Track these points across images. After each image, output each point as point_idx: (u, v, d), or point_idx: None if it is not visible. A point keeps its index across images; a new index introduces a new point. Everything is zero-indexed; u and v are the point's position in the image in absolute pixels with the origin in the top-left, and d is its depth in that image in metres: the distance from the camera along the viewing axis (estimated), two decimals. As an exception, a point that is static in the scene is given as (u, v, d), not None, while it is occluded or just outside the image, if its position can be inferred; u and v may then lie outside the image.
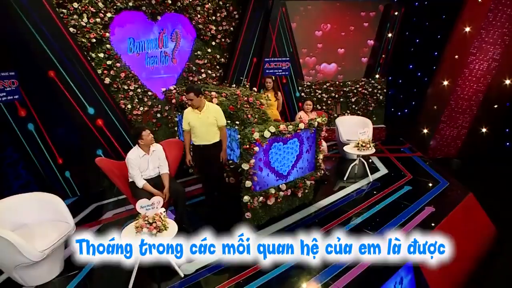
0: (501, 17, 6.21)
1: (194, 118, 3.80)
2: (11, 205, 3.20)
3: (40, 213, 3.26)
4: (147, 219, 2.82)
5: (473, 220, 4.38)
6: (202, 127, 3.78)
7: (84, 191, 5.21)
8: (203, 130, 3.79)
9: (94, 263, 3.32)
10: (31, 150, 4.83)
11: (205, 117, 3.76)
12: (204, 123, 3.77)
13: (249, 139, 3.44)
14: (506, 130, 7.26)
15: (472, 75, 6.58)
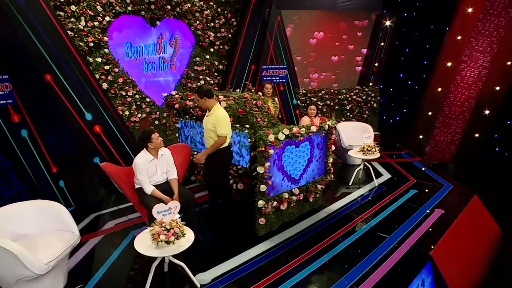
0: (489, 27, 6.47)
1: (204, 119, 3.78)
2: (10, 213, 2.96)
3: (42, 222, 3.03)
4: (164, 225, 2.65)
5: (480, 222, 4.41)
6: (204, 130, 3.76)
7: (79, 201, 4.94)
8: (205, 133, 3.77)
9: (101, 276, 3.10)
10: (24, 158, 4.55)
11: (206, 121, 3.70)
12: (205, 127, 3.72)
13: (264, 142, 3.35)
14: (495, 136, 7.51)
15: (464, 82, 6.79)
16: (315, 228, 3.93)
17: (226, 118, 3.62)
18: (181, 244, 2.69)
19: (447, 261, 3.42)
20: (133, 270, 3.23)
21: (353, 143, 5.58)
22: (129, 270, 3.22)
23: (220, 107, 3.72)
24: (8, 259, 2.48)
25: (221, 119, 3.56)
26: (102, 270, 3.18)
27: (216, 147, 3.62)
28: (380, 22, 8.05)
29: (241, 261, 3.29)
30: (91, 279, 3.05)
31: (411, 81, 9.06)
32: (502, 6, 6.37)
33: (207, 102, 3.63)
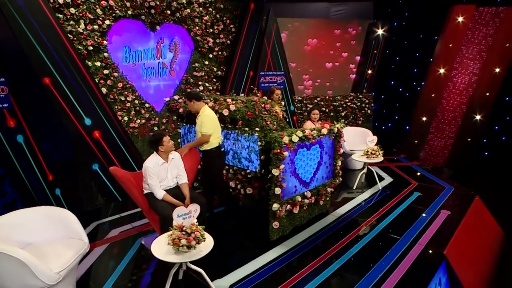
0: (478, 35, 6.74)
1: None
2: (14, 221, 2.78)
3: (48, 229, 2.86)
4: (185, 229, 2.55)
5: (483, 222, 4.50)
6: (196, 133, 3.94)
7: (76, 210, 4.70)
8: (196, 135, 3.94)
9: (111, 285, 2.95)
10: (19, 165, 4.35)
11: (196, 123, 3.90)
12: (196, 130, 3.91)
13: (280, 144, 3.32)
14: (484, 141, 7.75)
15: (456, 88, 7.01)
16: (326, 231, 3.89)
17: (211, 118, 3.82)
18: (202, 249, 2.59)
19: (460, 260, 3.45)
20: (146, 278, 3.09)
21: (354, 148, 5.62)
22: (142, 279, 3.08)
23: (208, 109, 3.90)
24: (16, 268, 2.32)
25: (206, 119, 3.77)
26: (112, 279, 3.03)
27: (198, 143, 3.85)
28: (372, 30, 8.25)
29: (256, 267, 3.21)
30: (101, 288, 2.90)
31: (402, 89, 9.28)
32: (489, 16, 6.66)
33: (195, 105, 3.82)
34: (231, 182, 4.36)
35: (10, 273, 2.33)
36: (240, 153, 4.12)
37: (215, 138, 3.83)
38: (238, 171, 4.27)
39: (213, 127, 3.80)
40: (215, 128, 3.85)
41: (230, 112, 4.02)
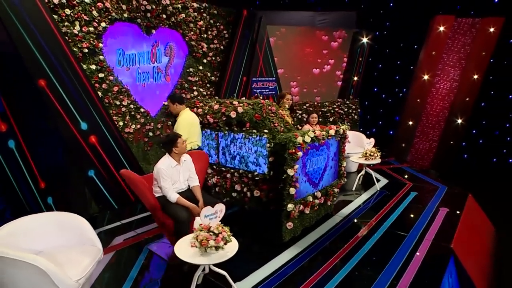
0: (457, 44, 7.17)
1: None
2: (23, 228, 2.61)
3: (59, 236, 2.70)
4: (212, 229, 2.49)
5: (478, 219, 4.71)
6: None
7: None
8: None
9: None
10: (10, 172, 4.11)
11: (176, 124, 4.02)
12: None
13: (294, 144, 3.34)
14: (463, 144, 8.17)
15: (438, 93, 7.38)
16: (335, 231, 3.93)
17: (187, 122, 3.96)
18: (228, 250, 2.54)
19: (465, 253, 3.58)
20: (163, 284, 2.97)
21: (350, 151, 5.74)
22: (159, 285, 2.96)
23: (187, 113, 4.07)
24: (34, 277, 2.17)
25: (182, 122, 3.93)
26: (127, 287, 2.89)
27: None
28: (357, 39, 8.55)
29: (274, 268, 3.18)
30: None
31: (385, 95, 9.65)
32: (467, 26, 7.11)
33: (177, 108, 4.00)
34: (236, 185, 4.31)
35: (27, 282, 2.18)
36: (247, 158, 4.09)
37: (189, 143, 3.96)
38: (244, 174, 4.23)
39: (187, 131, 3.90)
40: (190, 132, 3.99)
41: (237, 114, 4.00)
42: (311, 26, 8.48)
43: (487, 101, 7.64)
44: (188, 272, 3.08)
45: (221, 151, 4.34)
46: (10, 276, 2.13)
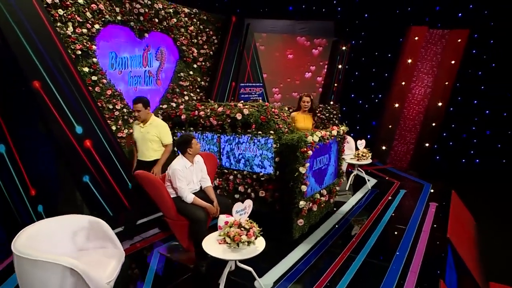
0: (430, 53, 7.75)
1: (137, 130, 3.93)
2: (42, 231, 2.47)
3: (79, 239, 2.60)
4: (243, 225, 2.53)
5: (462, 212, 5.08)
6: (142, 141, 3.88)
7: None
8: (143, 145, 3.89)
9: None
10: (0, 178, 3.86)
11: (145, 131, 3.84)
12: (144, 138, 3.85)
13: (306, 143, 3.46)
14: (435, 146, 8.75)
15: (414, 98, 7.89)
16: (340, 227, 4.09)
17: (167, 127, 3.97)
18: (257, 245, 2.58)
19: (459, 242, 3.87)
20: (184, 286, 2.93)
21: (340, 152, 5.97)
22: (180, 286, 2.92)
23: (158, 118, 4.06)
24: (67, 280, 2.08)
25: (165, 128, 3.91)
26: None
27: (167, 156, 3.88)
28: (337, 47, 8.95)
29: (289, 264, 3.24)
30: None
31: (362, 101, 10.12)
32: (438, 36, 7.72)
33: (148, 113, 3.89)
34: (240, 187, 4.35)
35: (59, 285, 2.08)
36: (252, 160, 4.15)
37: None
38: (248, 175, 4.27)
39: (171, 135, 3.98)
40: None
41: (243, 116, 4.06)
42: (292, 34, 8.76)
43: (455, 106, 8.27)
44: (206, 272, 3.07)
45: (225, 155, 4.35)
46: (41, 280, 2.03)
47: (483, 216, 5.54)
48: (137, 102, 3.78)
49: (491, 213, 5.57)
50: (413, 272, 3.07)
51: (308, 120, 4.53)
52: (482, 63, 7.87)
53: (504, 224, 5.17)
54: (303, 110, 4.57)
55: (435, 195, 5.17)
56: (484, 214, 5.63)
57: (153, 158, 3.89)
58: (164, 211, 3.24)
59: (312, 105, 4.63)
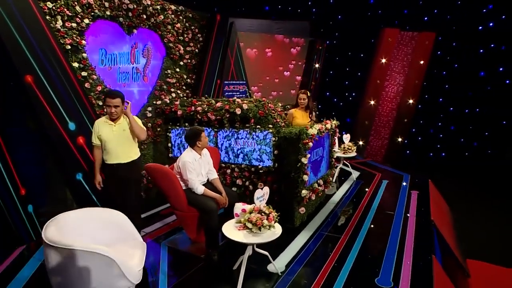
0: (401, 53, 8.31)
1: (106, 131, 3.33)
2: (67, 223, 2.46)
3: (102, 231, 2.60)
4: (263, 210, 2.66)
5: (438, 198, 5.55)
6: (118, 141, 3.34)
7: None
8: (119, 146, 3.34)
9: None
10: (-9, 178, 3.70)
11: (120, 129, 3.35)
12: (120, 137, 3.34)
13: (307, 135, 3.66)
14: (405, 142, 9.37)
15: (388, 96, 8.42)
16: (335, 215, 4.35)
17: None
18: (276, 229, 2.73)
19: (441, 225, 4.26)
20: (200, 274, 3.01)
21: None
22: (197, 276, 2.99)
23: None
24: (105, 269, 2.12)
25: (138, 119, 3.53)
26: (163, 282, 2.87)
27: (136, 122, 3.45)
28: (313, 46, 9.30)
29: (296, 249, 3.42)
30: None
31: (336, 99, 10.58)
32: (408, 38, 8.29)
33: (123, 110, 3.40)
34: (237, 180, 4.46)
35: (95, 273, 2.10)
36: (251, 155, 4.28)
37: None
38: (245, 169, 4.40)
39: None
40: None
41: (242, 111, 4.18)
42: (270, 33, 8.97)
43: (423, 103, 8.92)
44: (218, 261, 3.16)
45: (223, 150, 4.44)
46: (77, 269, 2.04)
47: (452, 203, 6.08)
48: (114, 96, 3.22)
49: (459, 200, 6.11)
50: (408, 250, 3.37)
51: (306, 116, 4.74)
52: (446, 64, 8.56)
53: (471, 209, 5.72)
54: (301, 107, 4.76)
55: (415, 184, 5.61)
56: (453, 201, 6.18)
57: (131, 159, 3.40)
58: (176, 203, 3.28)
59: (309, 103, 4.79)
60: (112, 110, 3.25)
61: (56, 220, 2.35)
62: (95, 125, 3.42)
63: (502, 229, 5.04)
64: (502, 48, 8.15)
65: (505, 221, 5.28)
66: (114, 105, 3.25)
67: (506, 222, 5.24)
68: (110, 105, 3.25)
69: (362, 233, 3.79)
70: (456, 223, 5.35)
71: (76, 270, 2.04)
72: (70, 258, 2.02)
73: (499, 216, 5.50)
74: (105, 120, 3.39)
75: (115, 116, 3.31)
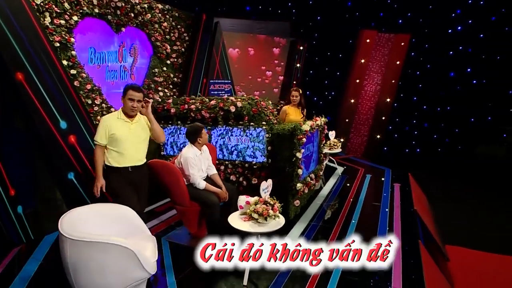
0: (379, 54, 8.71)
1: (122, 128, 2.93)
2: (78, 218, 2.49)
3: (112, 225, 2.64)
4: (268, 201, 2.80)
5: (417, 190, 5.91)
6: (133, 140, 2.99)
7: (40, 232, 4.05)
8: (133, 146, 3.00)
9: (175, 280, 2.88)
10: (-19, 178, 3.60)
11: (138, 128, 3.02)
12: (138, 137, 3.03)
13: (301, 131, 3.83)
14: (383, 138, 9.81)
15: (367, 95, 8.80)
16: (325, 207, 4.56)
17: None
18: (280, 219, 2.87)
19: (423, 214, 4.58)
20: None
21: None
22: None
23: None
24: (124, 261, 2.17)
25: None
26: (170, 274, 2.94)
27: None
28: (294, 47, 9.53)
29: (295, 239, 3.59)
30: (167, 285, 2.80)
31: (316, 98, 10.89)
32: (385, 39, 8.71)
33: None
34: (231, 176, 4.57)
35: (114, 265, 2.16)
36: (245, 152, 4.40)
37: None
38: (239, 165, 4.51)
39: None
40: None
41: (236, 109, 4.29)
42: (252, 33, 9.10)
43: (399, 102, 9.39)
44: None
45: (218, 148, 4.53)
46: (97, 261, 2.09)
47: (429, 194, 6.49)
48: (138, 90, 2.92)
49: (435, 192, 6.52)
50: (397, 236, 3.62)
51: (298, 113, 4.91)
52: (419, 65, 9.07)
53: (447, 200, 6.14)
54: (293, 104, 4.93)
55: (397, 178, 5.95)
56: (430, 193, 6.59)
57: (144, 160, 3.14)
58: (178, 199, 3.35)
59: (301, 100, 4.95)
60: (134, 104, 2.89)
61: (69, 216, 2.37)
62: (104, 122, 2.94)
63: (476, 217, 5.47)
64: (469, 50, 8.74)
65: (478, 211, 5.73)
66: (138, 99, 2.90)
67: (479, 212, 5.69)
68: (133, 98, 2.89)
69: (353, 222, 4.02)
70: (434, 212, 5.73)
71: (96, 262, 2.08)
72: (90, 251, 2.07)
73: (472, 206, 5.94)
74: (118, 116, 2.96)
75: (135, 112, 2.94)
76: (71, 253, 2.08)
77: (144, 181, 3.12)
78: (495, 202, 6.15)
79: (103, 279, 2.11)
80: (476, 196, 6.37)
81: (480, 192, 6.61)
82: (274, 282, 2.80)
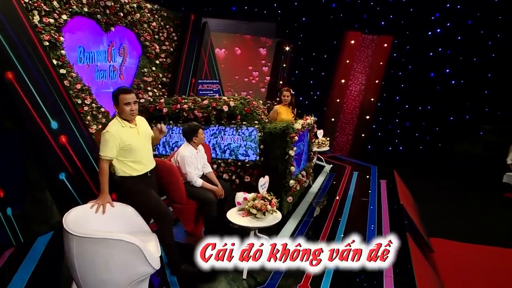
0: (363, 55, 8.98)
1: (131, 134, 2.74)
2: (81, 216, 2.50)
3: (112, 223, 2.66)
4: (266, 196, 2.89)
5: (402, 186, 6.15)
6: (143, 146, 2.86)
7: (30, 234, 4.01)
8: (143, 150, 2.86)
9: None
10: (-29, 180, 3.53)
11: (143, 131, 2.88)
12: (146, 141, 2.90)
13: (294, 130, 3.95)
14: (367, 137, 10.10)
15: (351, 94, 9.05)
16: (316, 203, 4.70)
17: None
18: (277, 214, 2.97)
19: (408, 207, 4.79)
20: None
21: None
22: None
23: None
24: (129, 256, 2.21)
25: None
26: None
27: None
28: (281, 47, 9.67)
29: (289, 234, 3.72)
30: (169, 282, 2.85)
31: (302, 98, 11.07)
32: (368, 40, 8.98)
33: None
34: (224, 174, 4.63)
35: (123, 261, 2.19)
36: (237, 150, 4.47)
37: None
38: (231, 163, 4.57)
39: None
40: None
41: (229, 109, 4.36)
42: (238, 33, 9.18)
43: (382, 102, 9.69)
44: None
45: (211, 147, 4.58)
46: (103, 257, 2.12)
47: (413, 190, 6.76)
48: (129, 91, 2.73)
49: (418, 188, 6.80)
50: (386, 229, 3.79)
51: (289, 112, 5.02)
52: (401, 65, 9.40)
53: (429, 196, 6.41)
54: (284, 103, 5.04)
55: (383, 174, 6.17)
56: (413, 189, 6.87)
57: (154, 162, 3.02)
58: (176, 197, 3.38)
59: (292, 99, 5.07)
60: (132, 107, 2.69)
61: (71, 214, 2.39)
62: (113, 136, 2.64)
63: (458, 212, 5.75)
64: (448, 52, 9.13)
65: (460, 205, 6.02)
66: (133, 100, 2.71)
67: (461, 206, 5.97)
68: (129, 102, 2.67)
69: (344, 217, 4.16)
70: (418, 206, 5.98)
71: (102, 259, 2.11)
72: (96, 247, 2.10)
73: (454, 201, 6.23)
74: (122, 125, 2.72)
75: (135, 115, 2.77)
76: (77, 250, 2.10)
77: (155, 181, 3.05)
78: (472, 196, 6.48)
79: (109, 275, 2.15)
80: (458, 193, 6.68)
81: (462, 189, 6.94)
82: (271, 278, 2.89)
